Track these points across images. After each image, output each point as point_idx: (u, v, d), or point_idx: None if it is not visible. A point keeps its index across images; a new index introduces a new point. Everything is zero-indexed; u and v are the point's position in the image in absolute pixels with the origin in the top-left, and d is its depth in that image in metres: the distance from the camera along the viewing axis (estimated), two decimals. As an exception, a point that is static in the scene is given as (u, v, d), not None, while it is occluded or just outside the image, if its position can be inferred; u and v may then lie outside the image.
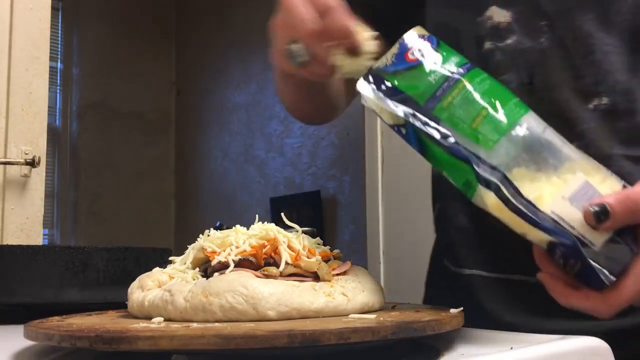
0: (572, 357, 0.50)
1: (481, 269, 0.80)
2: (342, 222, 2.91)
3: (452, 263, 0.84)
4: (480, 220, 0.79)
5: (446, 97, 0.54)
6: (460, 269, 0.83)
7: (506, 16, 0.76)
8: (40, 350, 0.57)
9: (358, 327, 0.46)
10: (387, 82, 0.56)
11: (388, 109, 0.55)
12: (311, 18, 0.61)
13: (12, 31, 1.85)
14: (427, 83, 0.55)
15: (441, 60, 0.57)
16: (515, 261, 0.77)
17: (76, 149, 3.82)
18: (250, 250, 0.58)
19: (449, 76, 0.55)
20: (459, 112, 0.54)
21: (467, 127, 0.53)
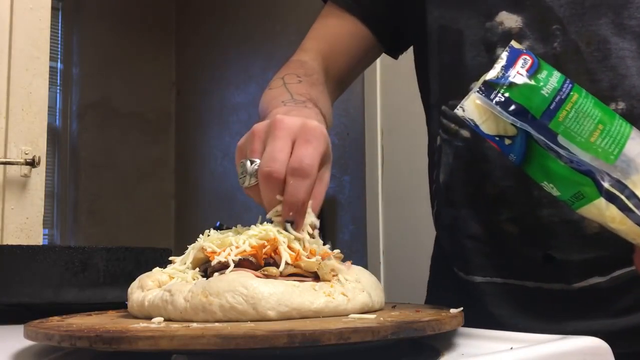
0: (572, 357, 0.50)
1: (496, 276, 0.80)
2: (342, 222, 2.91)
3: (463, 271, 0.83)
4: (494, 228, 0.79)
5: (560, 111, 0.56)
6: (471, 277, 0.82)
7: (517, 21, 0.76)
8: (40, 350, 0.57)
9: (358, 327, 0.46)
10: (501, 94, 0.57)
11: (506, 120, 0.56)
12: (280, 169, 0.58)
13: (12, 31, 1.85)
14: (540, 96, 0.57)
15: (546, 74, 0.58)
16: (530, 268, 0.77)
17: (76, 149, 3.81)
18: (250, 250, 0.58)
19: (559, 89, 0.57)
20: (575, 126, 0.56)
21: (584, 141, 0.55)
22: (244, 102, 3.56)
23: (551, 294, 0.76)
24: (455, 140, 0.81)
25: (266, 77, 3.94)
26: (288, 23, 3.20)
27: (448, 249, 0.87)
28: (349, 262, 0.64)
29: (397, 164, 2.32)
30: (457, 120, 0.80)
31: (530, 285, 0.77)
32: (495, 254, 0.80)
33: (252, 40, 3.47)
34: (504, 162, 0.76)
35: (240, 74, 3.59)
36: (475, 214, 0.81)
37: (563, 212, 0.73)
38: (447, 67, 0.82)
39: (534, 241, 0.76)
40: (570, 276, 0.75)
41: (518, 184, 0.76)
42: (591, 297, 0.74)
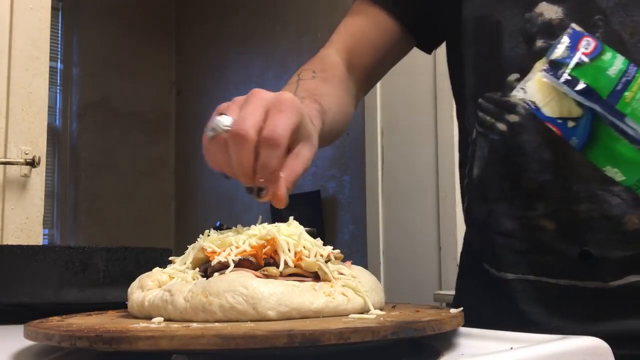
0: (572, 357, 0.50)
1: (528, 273, 0.78)
2: (342, 222, 2.91)
3: (494, 268, 0.82)
4: (529, 224, 0.77)
5: (627, 92, 0.56)
6: (503, 274, 0.81)
7: (557, 12, 0.74)
8: (40, 350, 0.57)
9: (358, 327, 0.46)
10: (567, 74, 0.57)
11: (573, 99, 0.56)
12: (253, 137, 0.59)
13: (12, 31, 1.85)
14: (607, 77, 0.56)
15: (610, 56, 0.58)
16: (565, 265, 0.75)
17: (76, 149, 3.81)
18: (250, 250, 0.58)
19: (625, 70, 0.56)
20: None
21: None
22: (244, 102, 3.56)
23: (585, 293, 0.74)
24: (491, 133, 0.79)
25: (266, 77, 3.94)
26: (288, 23, 3.20)
27: (479, 245, 0.86)
28: (349, 262, 0.64)
29: (397, 164, 2.32)
30: (494, 112, 0.79)
31: (564, 284, 0.76)
32: (529, 250, 0.78)
33: (252, 40, 3.47)
34: (541, 155, 0.75)
35: (240, 74, 3.59)
36: (510, 209, 0.79)
37: (602, 208, 0.72)
38: (483, 59, 0.81)
39: (571, 237, 0.74)
40: (607, 274, 0.73)
41: (556, 177, 0.74)
42: (628, 296, 0.73)
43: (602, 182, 0.71)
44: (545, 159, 0.74)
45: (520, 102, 0.74)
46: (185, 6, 4.14)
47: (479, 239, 0.86)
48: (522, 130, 0.76)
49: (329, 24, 3.40)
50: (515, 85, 0.76)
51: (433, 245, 2.16)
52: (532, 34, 0.76)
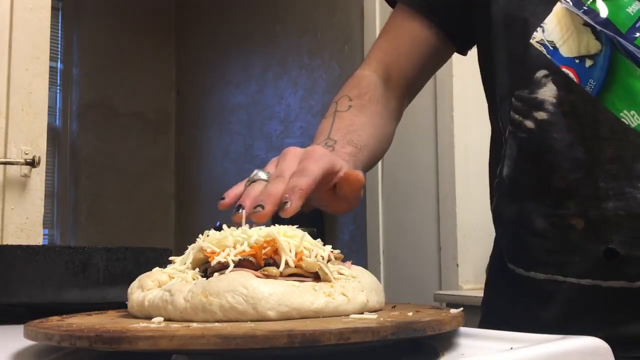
0: (572, 357, 0.50)
1: (556, 273, 0.78)
2: (342, 222, 2.91)
3: (522, 267, 0.82)
4: (560, 222, 0.76)
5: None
6: (533, 274, 0.80)
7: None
8: (40, 350, 0.57)
9: (358, 327, 0.46)
10: (587, 6, 0.57)
11: (594, 28, 0.56)
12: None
13: (12, 31, 1.85)
14: (626, 14, 0.57)
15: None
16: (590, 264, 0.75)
17: (76, 149, 3.82)
18: (249, 250, 0.58)
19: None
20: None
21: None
22: (244, 102, 3.56)
23: (610, 293, 0.74)
24: (519, 131, 0.79)
25: (266, 77, 3.93)
26: (288, 23, 3.20)
27: (507, 245, 0.85)
28: (349, 262, 0.64)
29: (397, 164, 2.32)
30: (522, 110, 0.78)
31: (587, 284, 0.75)
32: (557, 250, 0.77)
33: (252, 40, 3.47)
34: (572, 153, 0.74)
35: (240, 74, 3.59)
36: (540, 207, 0.78)
37: (629, 205, 0.71)
38: (513, 57, 0.80)
39: (598, 235, 0.73)
40: (634, 273, 0.72)
41: (586, 175, 0.73)
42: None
43: (630, 179, 0.71)
44: (576, 157, 0.74)
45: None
46: (185, 6, 4.14)
47: (507, 239, 0.85)
48: (550, 127, 0.75)
49: (329, 24, 3.39)
50: (543, 81, 0.75)
51: (433, 245, 2.15)
52: None
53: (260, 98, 3.44)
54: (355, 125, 0.84)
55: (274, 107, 3.32)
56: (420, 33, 0.92)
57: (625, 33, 0.56)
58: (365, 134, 0.84)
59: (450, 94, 2.13)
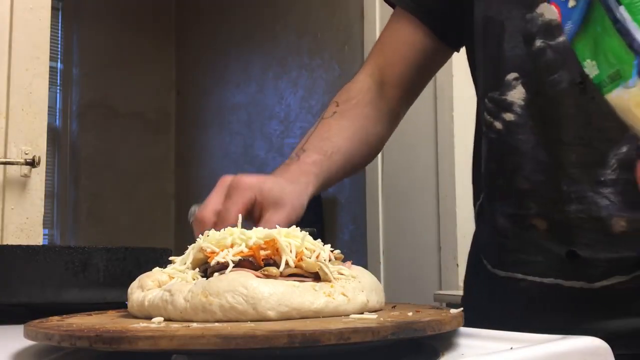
0: (572, 357, 0.50)
1: (516, 271, 0.79)
2: (342, 222, 2.91)
3: (490, 263, 0.84)
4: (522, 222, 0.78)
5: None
6: (497, 271, 0.82)
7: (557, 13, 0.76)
8: (40, 350, 0.57)
9: (358, 327, 0.46)
10: None
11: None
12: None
13: (12, 31, 1.85)
14: None
15: None
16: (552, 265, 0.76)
17: (76, 149, 3.82)
18: (248, 251, 0.58)
19: None
20: (638, 4, 0.55)
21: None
22: (244, 102, 3.56)
23: (570, 293, 0.75)
24: (490, 132, 0.81)
25: (266, 77, 3.93)
26: (288, 23, 3.20)
27: (480, 242, 0.88)
28: (349, 262, 0.64)
29: (397, 164, 2.32)
30: (493, 111, 0.80)
31: (549, 283, 0.76)
32: (518, 249, 0.79)
33: (252, 40, 3.47)
34: (535, 155, 0.76)
35: (240, 74, 3.59)
36: (504, 207, 0.80)
37: (591, 209, 0.72)
38: (489, 60, 0.82)
39: (560, 237, 0.75)
40: (593, 274, 0.73)
41: (549, 178, 0.75)
42: (612, 296, 0.73)
43: (592, 184, 0.72)
44: (539, 159, 0.75)
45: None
46: (185, 6, 4.14)
47: (482, 236, 0.88)
48: (517, 129, 0.77)
49: (329, 24, 3.40)
50: (513, 84, 0.77)
51: (433, 245, 2.15)
52: (531, 34, 0.76)
53: (260, 98, 3.44)
54: (331, 131, 0.87)
55: (274, 107, 3.32)
56: (414, 34, 0.93)
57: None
58: (340, 139, 0.87)
59: (450, 94, 2.13)
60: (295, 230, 0.61)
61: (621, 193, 0.71)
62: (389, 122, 0.96)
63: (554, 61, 0.75)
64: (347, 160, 0.88)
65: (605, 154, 0.72)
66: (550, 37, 0.75)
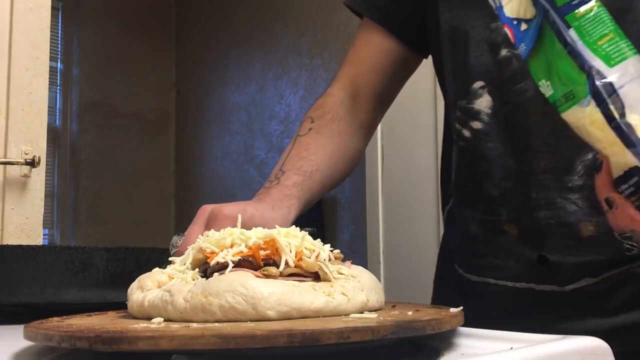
0: (572, 357, 0.50)
1: (489, 276, 0.81)
2: (342, 222, 2.91)
3: (462, 268, 0.85)
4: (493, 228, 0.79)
5: (579, 10, 0.58)
6: (470, 276, 0.83)
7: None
8: (40, 351, 0.57)
9: (358, 327, 0.46)
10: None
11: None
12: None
13: (12, 31, 1.85)
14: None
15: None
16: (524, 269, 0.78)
17: (76, 149, 3.81)
18: (248, 251, 0.58)
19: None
20: (588, 26, 0.57)
21: (592, 42, 0.57)
22: (244, 102, 3.56)
23: (542, 296, 0.77)
24: (460, 140, 0.82)
25: (266, 77, 3.92)
26: (288, 23, 3.20)
27: (454, 247, 0.89)
28: (349, 262, 0.64)
29: (397, 163, 2.32)
30: (461, 120, 0.81)
31: (522, 287, 0.78)
32: (490, 254, 0.80)
33: (252, 40, 3.47)
34: (504, 162, 0.77)
35: (240, 74, 3.59)
36: (475, 213, 0.81)
37: (560, 215, 0.74)
38: (457, 68, 0.83)
39: (530, 242, 0.77)
40: (563, 278, 0.75)
41: (518, 185, 0.76)
42: (582, 298, 0.75)
43: (560, 190, 0.74)
44: (508, 166, 0.77)
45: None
46: (185, 6, 4.14)
47: (452, 240, 0.89)
48: (485, 137, 0.78)
49: (329, 24, 3.40)
50: (479, 92, 0.79)
51: (433, 246, 2.15)
52: (496, 43, 0.78)
53: (260, 98, 3.44)
54: (309, 150, 0.86)
55: (274, 107, 3.32)
56: (383, 44, 0.94)
57: (560, 6, 0.58)
58: (318, 157, 0.86)
59: (450, 93, 2.13)
60: (295, 230, 0.61)
61: (588, 198, 0.73)
62: (365, 134, 0.97)
63: (519, 70, 0.76)
64: (327, 178, 0.87)
65: (572, 160, 0.74)
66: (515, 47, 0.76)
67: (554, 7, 0.58)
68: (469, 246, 0.83)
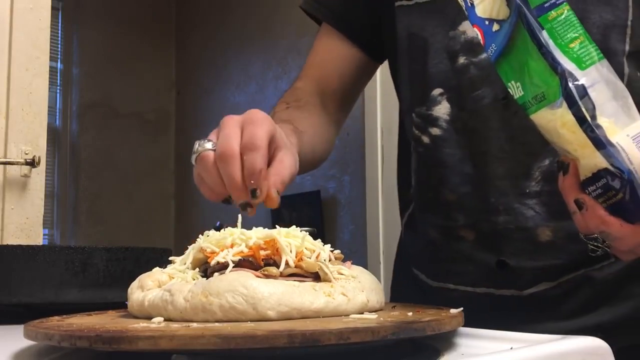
0: (572, 357, 0.50)
1: (447, 281, 0.82)
2: (342, 222, 2.91)
3: (423, 273, 0.85)
4: (450, 233, 0.80)
5: (552, 12, 0.58)
6: (430, 281, 0.84)
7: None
8: (40, 350, 0.57)
9: (358, 327, 0.46)
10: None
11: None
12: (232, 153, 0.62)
13: (12, 31, 1.85)
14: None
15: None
16: (483, 274, 0.78)
17: (76, 149, 3.81)
18: (248, 251, 0.58)
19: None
20: (560, 29, 0.58)
21: (564, 45, 0.58)
22: (244, 102, 3.56)
23: (501, 300, 0.78)
24: (418, 146, 0.82)
25: (266, 77, 3.92)
26: (288, 23, 3.20)
27: (412, 251, 0.89)
28: (349, 262, 0.64)
29: (397, 164, 2.32)
30: (420, 126, 0.82)
31: (481, 292, 0.79)
32: (449, 259, 0.81)
33: (252, 40, 3.47)
34: (461, 168, 0.78)
35: (240, 74, 3.59)
36: (432, 218, 0.82)
37: (518, 220, 0.75)
38: (414, 75, 0.83)
39: (489, 247, 0.77)
40: (522, 282, 0.76)
41: (475, 190, 0.77)
42: (540, 302, 0.76)
43: (518, 196, 0.75)
44: (465, 172, 0.78)
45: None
46: (185, 6, 4.14)
47: (412, 246, 0.89)
48: (443, 143, 0.79)
49: (329, 24, 3.32)
50: (438, 99, 0.79)
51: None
52: (455, 51, 0.79)
53: (259, 98, 3.43)
54: (293, 117, 0.84)
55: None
56: (343, 49, 0.94)
57: (533, 8, 0.59)
58: (306, 124, 0.84)
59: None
60: (295, 230, 0.61)
61: (545, 204, 0.74)
62: (335, 128, 0.96)
63: (477, 77, 0.76)
64: (312, 146, 0.84)
65: (529, 166, 0.74)
66: (473, 54, 0.77)
67: (528, 9, 0.58)
68: (428, 251, 0.84)
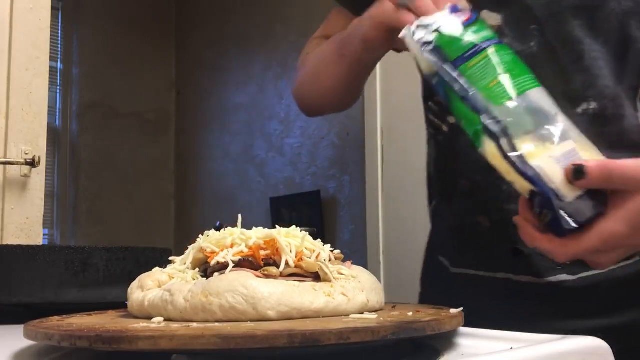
0: (572, 357, 0.50)
1: (468, 267, 0.82)
2: (342, 222, 2.91)
3: (447, 261, 0.86)
4: (467, 221, 0.81)
5: (471, 60, 0.63)
6: (453, 268, 0.85)
7: (497, 19, 0.78)
8: (40, 350, 0.57)
9: (358, 327, 0.46)
10: (429, 36, 0.65)
11: (421, 56, 0.65)
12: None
13: (12, 31, 1.85)
14: (459, 45, 0.64)
15: (474, 30, 0.66)
16: (501, 260, 0.79)
17: (76, 149, 3.81)
18: (248, 251, 0.58)
19: (477, 44, 0.64)
20: (479, 73, 0.63)
21: (483, 86, 0.62)
22: (244, 103, 3.56)
23: (521, 286, 0.78)
24: (438, 134, 0.83)
25: (266, 77, 3.93)
26: (288, 23, 3.20)
27: (435, 241, 0.90)
28: (349, 262, 0.64)
29: (397, 163, 2.32)
30: (438, 114, 0.82)
31: (500, 277, 0.79)
32: (468, 246, 0.82)
33: (252, 40, 3.47)
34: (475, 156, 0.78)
35: (240, 74, 3.59)
36: (451, 206, 0.83)
37: None
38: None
39: (503, 234, 0.77)
40: (539, 269, 0.76)
41: (488, 178, 0.77)
42: (560, 294, 0.76)
43: None
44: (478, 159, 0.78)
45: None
46: (185, 6, 4.14)
47: (437, 233, 0.91)
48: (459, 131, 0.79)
49: (329, 24, 3.33)
50: None
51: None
52: None
53: (260, 98, 3.43)
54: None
55: (274, 107, 3.32)
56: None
57: (452, 60, 0.64)
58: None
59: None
60: (295, 230, 0.62)
61: None
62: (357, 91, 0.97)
63: None
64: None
65: None
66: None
67: (446, 62, 0.64)
68: (450, 238, 0.85)
